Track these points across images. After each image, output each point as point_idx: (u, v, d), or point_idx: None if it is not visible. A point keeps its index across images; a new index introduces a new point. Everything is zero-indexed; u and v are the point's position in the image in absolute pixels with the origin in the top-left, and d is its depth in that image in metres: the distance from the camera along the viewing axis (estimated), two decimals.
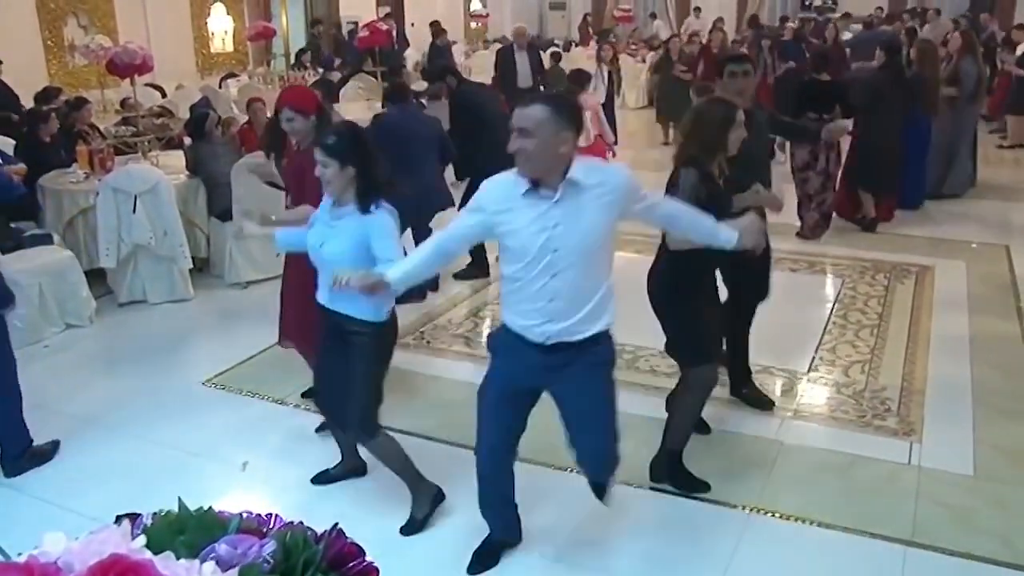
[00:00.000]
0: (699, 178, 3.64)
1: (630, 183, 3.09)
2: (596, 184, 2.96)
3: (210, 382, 5.26)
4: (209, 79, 13.48)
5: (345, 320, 3.58)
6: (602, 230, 3.01)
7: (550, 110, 2.90)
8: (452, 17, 19.85)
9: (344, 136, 3.53)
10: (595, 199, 2.96)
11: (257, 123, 7.59)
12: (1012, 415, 4.72)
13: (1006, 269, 7.05)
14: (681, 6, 22.37)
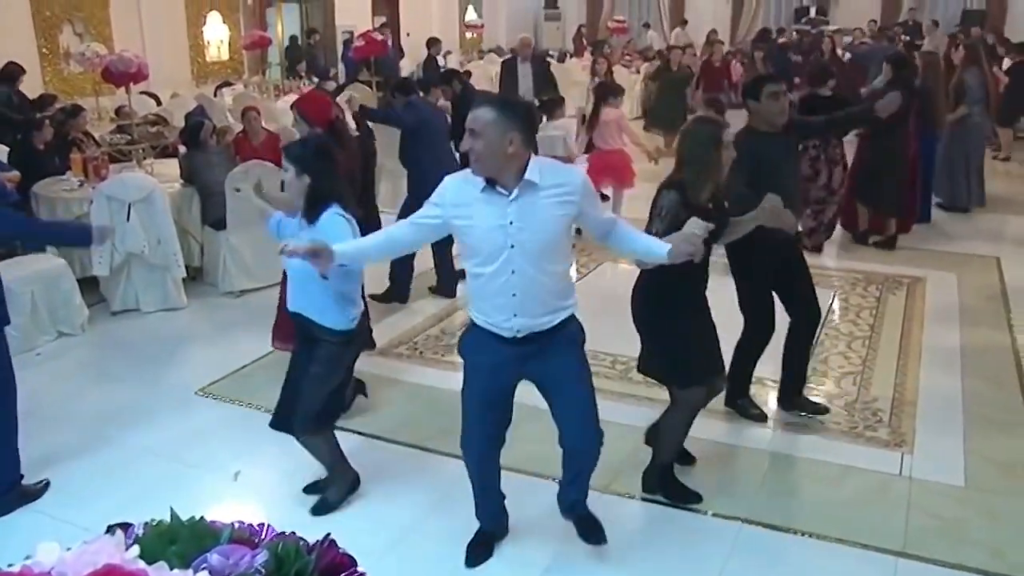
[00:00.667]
0: (680, 200, 3.59)
1: (588, 185, 3.23)
2: (554, 184, 3.07)
3: (203, 391, 5.25)
4: (204, 87, 13.50)
5: (313, 326, 3.75)
6: (559, 228, 3.12)
7: (496, 112, 3.01)
8: (447, 27, 19.92)
9: (308, 146, 3.76)
10: (553, 198, 3.07)
11: (252, 132, 7.60)
12: (1003, 426, 4.75)
13: (997, 281, 7.09)
14: (675, 17, 22.47)
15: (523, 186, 3.03)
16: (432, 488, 4.12)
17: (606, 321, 6.42)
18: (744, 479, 4.23)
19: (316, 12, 16.71)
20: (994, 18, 18.98)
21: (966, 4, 19.65)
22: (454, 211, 3.12)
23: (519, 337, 3.19)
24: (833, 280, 7.13)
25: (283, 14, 16.46)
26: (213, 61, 14.58)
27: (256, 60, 15.11)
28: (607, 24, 20.76)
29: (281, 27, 16.45)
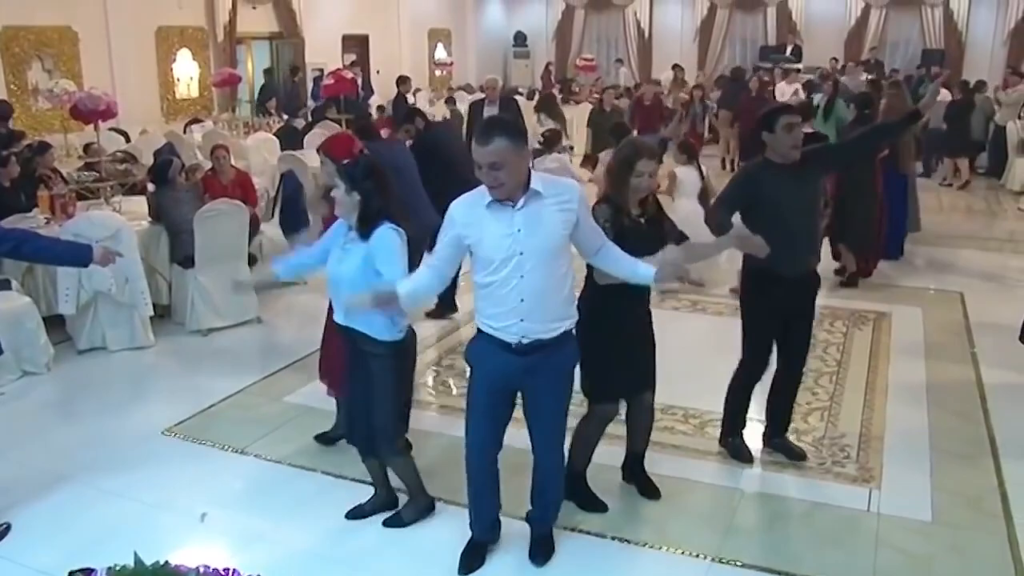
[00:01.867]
0: (612, 210, 3.85)
1: (584, 196, 3.46)
2: (556, 194, 3.34)
3: (170, 431, 5.19)
4: (174, 124, 13.46)
5: (362, 339, 3.82)
6: (561, 234, 3.35)
7: (508, 138, 3.20)
8: (417, 65, 20.04)
9: (359, 164, 3.87)
10: (555, 207, 3.33)
11: (221, 171, 7.59)
12: (969, 460, 4.79)
13: (960, 316, 7.19)
14: (643, 56, 22.78)
15: (529, 196, 3.28)
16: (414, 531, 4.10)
17: None
18: (714, 516, 4.22)
19: (286, 50, 16.74)
20: (952, 58, 19.42)
21: (926, 44, 20.08)
22: (464, 229, 3.35)
23: (524, 344, 3.39)
24: None
25: (253, 52, 16.50)
26: (183, 98, 14.56)
27: (226, 97, 15.10)
28: (575, 62, 20.98)
29: (251, 65, 16.48)
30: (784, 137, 4.28)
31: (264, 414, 5.41)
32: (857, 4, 20.70)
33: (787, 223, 4.18)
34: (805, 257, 4.44)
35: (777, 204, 4.22)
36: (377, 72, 18.56)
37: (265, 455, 4.87)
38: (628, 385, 4.08)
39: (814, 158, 4.42)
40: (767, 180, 4.29)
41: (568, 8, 23.70)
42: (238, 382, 5.87)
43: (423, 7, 20.72)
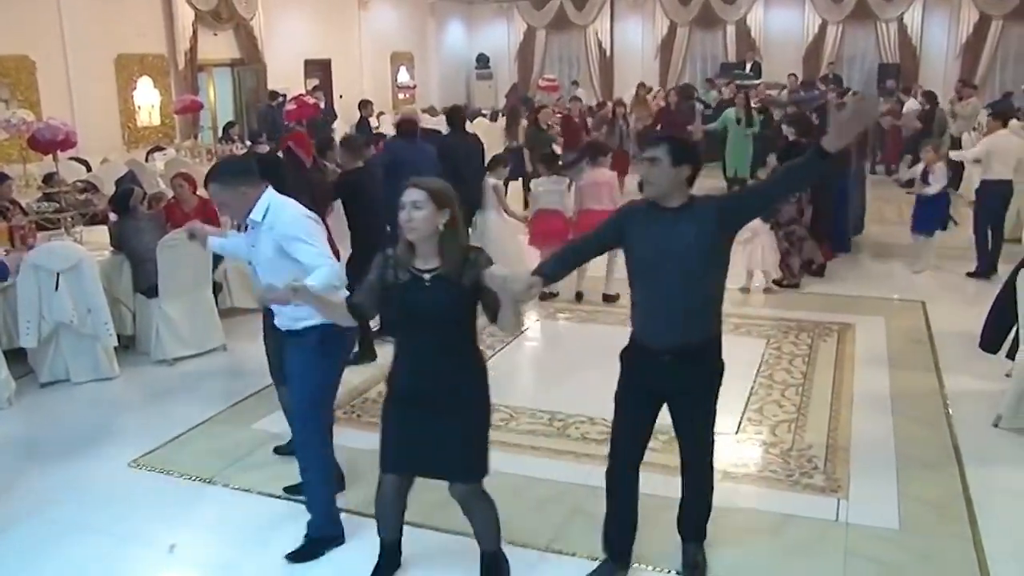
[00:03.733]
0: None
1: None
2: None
3: (136, 463, 5.12)
4: (136, 152, 13.36)
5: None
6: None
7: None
8: (380, 89, 20.07)
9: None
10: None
11: (183, 199, 7.55)
12: (934, 467, 4.86)
13: (923, 324, 7.30)
14: (604, 74, 22.96)
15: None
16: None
17: (542, 378, 6.50)
18: None
19: (248, 76, 16.69)
20: (908, 71, 19.79)
21: (882, 58, 20.42)
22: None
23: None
24: (765, 329, 7.27)
25: (214, 78, 16.43)
26: (144, 126, 14.44)
27: (188, 125, 15.02)
28: (538, 83, 21.10)
29: (213, 91, 16.40)
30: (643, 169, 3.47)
31: (232, 442, 5.37)
32: (814, 20, 21.02)
33: (654, 280, 3.42)
34: (676, 325, 3.41)
35: (643, 256, 3.44)
36: (340, 96, 18.55)
37: (234, 484, 4.83)
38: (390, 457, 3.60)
39: (711, 206, 3.41)
40: (639, 222, 3.47)
41: (529, 29, 23.86)
42: (205, 411, 5.82)
43: (385, 31, 20.77)
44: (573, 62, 23.90)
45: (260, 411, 5.76)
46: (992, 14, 19.53)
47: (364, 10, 19.90)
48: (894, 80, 17.62)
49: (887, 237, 10.55)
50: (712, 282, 3.46)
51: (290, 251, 3.89)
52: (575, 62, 23.85)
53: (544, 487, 4.64)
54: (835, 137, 3.12)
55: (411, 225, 3.26)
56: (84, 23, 13.07)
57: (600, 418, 5.23)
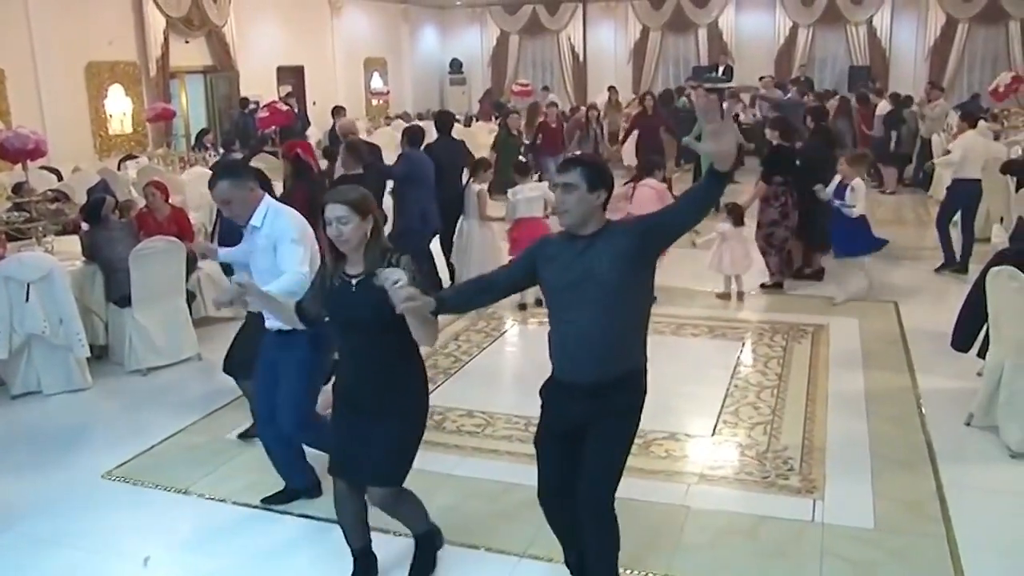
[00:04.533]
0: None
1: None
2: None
3: (110, 475, 5.07)
4: (107, 161, 13.24)
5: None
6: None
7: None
8: (353, 95, 20.03)
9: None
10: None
11: (155, 207, 7.50)
12: (908, 466, 4.89)
13: (896, 325, 7.36)
14: (578, 79, 23.03)
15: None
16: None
17: (518, 384, 6.49)
18: (661, 535, 4.25)
19: (221, 83, 16.62)
20: (878, 73, 20.01)
21: (852, 61, 20.62)
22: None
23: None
24: (740, 332, 7.31)
25: (187, 86, 16.33)
26: (116, 134, 14.33)
27: (160, 132, 14.92)
28: (511, 88, 21.12)
29: (185, 99, 16.29)
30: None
31: (207, 452, 5.33)
32: (785, 23, 21.21)
33: (568, 311, 3.19)
34: (592, 360, 3.17)
35: (556, 287, 3.23)
36: (313, 103, 18.50)
37: (209, 494, 4.79)
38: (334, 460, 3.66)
39: (632, 230, 3.19)
40: (550, 254, 3.25)
41: (503, 34, 23.92)
42: (179, 421, 5.77)
43: (358, 37, 20.74)
44: (546, 67, 23.98)
45: (236, 420, 5.72)
46: (958, 17, 19.82)
47: (337, 16, 19.87)
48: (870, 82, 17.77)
49: None
50: (631, 311, 3.21)
51: (277, 249, 4.07)
52: (548, 67, 23.93)
53: (521, 493, 4.60)
54: (719, 157, 2.90)
55: (342, 239, 3.36)
56: (53, 31, 12.96)
57: None
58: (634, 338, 3.27)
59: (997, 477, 4.81)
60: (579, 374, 3.21)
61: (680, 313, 7.76)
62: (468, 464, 5.04)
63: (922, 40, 20.34)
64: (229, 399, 6.05)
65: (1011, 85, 14.65)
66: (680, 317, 7.65)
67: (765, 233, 8.46)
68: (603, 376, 3.18)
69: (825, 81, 20.34)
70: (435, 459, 4.92)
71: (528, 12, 23.28)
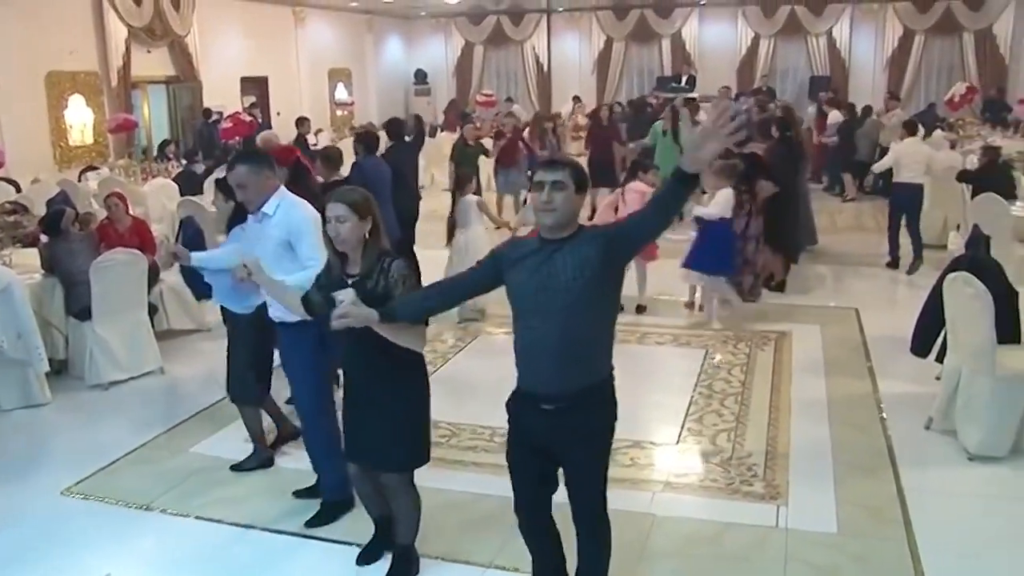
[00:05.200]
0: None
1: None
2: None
3: (70, 491, 4.99)
4: (68, 172, 13.08)
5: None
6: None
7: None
8: (318, 105, 19.96)
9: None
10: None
11: (116, 219, 7.42)
12: (869, 471, 4.95)
13: (857, 331, 7.44)
14: (542, 89, 23.11)
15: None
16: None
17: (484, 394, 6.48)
18: (628, 544, 4.24)
19: (184, 94, 16.50)
20: (837, 84, 20.28)
21: (813, 71, 20.89)
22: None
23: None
24: (704, 339, 7.36)
25: (149, 96, 16.19)
26: (77, 145, 14.16)
27: (122, 143, 14.77)
28: (475, 98, 21.16)
29: (147, 109, 16.16)
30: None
31: (169, 467, 5.27)
32: (747, 34, 21.46)
33: (534, 318, 3.12)
34: (557, 369, 3.10)
35: (522, 292, 3.15)
36: (278, 114, 18.41)
37: (171, 509, 4.74)
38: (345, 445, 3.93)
39: (599, 236, 3.12)
40: (517, 258, 3.19)
41: (467, 44, 23.97)
42: (141, 435, 5.70)
43: (322, 47, 20.69)
44: (511, 77, 24.07)
45: (199, 434, 5.68)
46: (915, 28, 20.21)
47: (301, 26, 19.81)
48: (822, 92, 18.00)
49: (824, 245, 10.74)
50: (595, 320, 3.13)
51: (295, 243, 4.21)
52: (513, 77, 24.01)
53: (486, 503, 4.61)
54: (693, 159, 2.82)
55: (339, 239, 3.55)
56: (11, 40, 12.82)
57: None
58: (599, 348, 3.20)
59: (956, 480, 4.88)
60: (541, 384, 3.14)
61: (644, 321, 7.80)
62: (433, 475, 4.99)
63: (880, 51, 20.70)
64: (192, 412, 6.01)
65: (965, 95, 14.97)
66: (644, 325, 7.69)
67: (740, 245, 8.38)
68: (566, 386, 3.10)
69: (787, 91, 20.59)
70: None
71: (492, 22, 23.36)
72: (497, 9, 22.78)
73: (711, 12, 21.80)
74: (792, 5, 20.64)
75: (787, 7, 20.72)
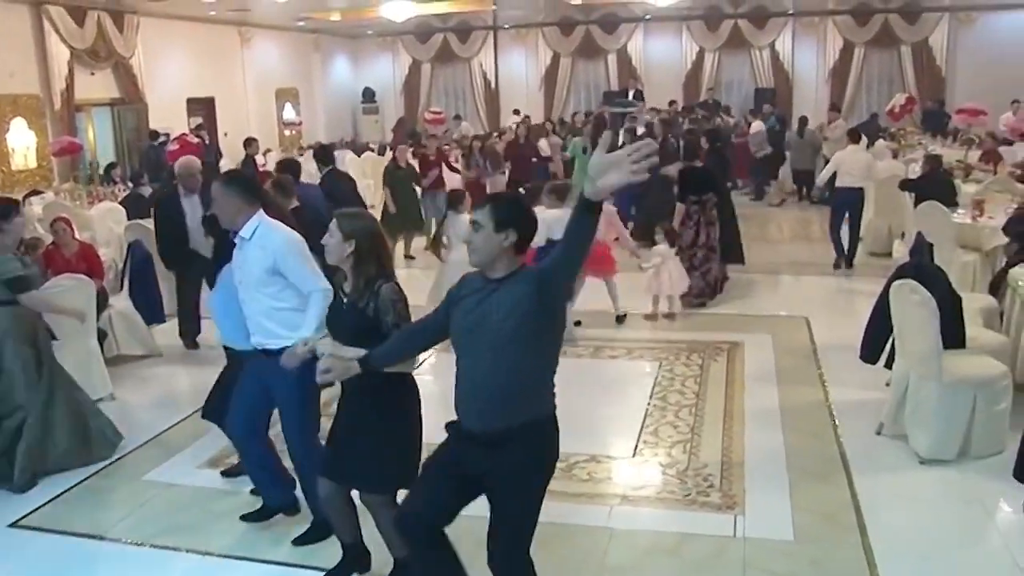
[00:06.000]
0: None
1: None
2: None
3: (19, 524, 4.88)
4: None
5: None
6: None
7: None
8: (265, 126, 19.81)
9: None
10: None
11: (63, 243, 7.30)
12: (823, 477, 5.03)
13: (807, 339, 7.56)
14: (490, 106, 23.19)
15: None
16: None
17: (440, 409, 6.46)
18: (586, 558, 4.28)
19: (129, 116, 16.27)
20: (782, 95, 20.62)
21: (757, 83, 21.20)
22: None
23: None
24: (657, 352, 7.41)
25: (94, 118, 15.95)
26: (19, 169, 13.89)
27: (66, 167, 14.52)
28: (424, 116, 21.16)
29: (92, 132, 15.90)
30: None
31: (123, 495, 5.18)
32: (692, 48, 21.73)
33: (469, 356, 3.14)
34: (488, 408, 3.09)
35: (458, 329, 3.19)
36: (225, 135, 18.25)
37: (125, 538, 4.66)
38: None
39: (532, 274, 3.06)
40: (462, 296, 3.22)
41: (415, 62, 23.97)
42: (92, 464, 5.58)
43: (269, 67, 20.55)
44: (459, 94, 24.10)
45: (152, 462, 5.60)
46: (855, 41, 20.64)
47: (247, 47, 19.68)
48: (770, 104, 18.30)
49: (773, 255, 10.91)
50: (529, 360, 3.05)
51: (283, 268, 4.12)
52: (461, 94, 24.05)
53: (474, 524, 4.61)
54: (594, 190, 2.72)
55: (327, 250, 3.66)
56: None
57: None
58: (533, 388, 3.12)
59: (908, 484, 4.98)
60: (470, 421, 3.14)
61: (598, 335, 7.84)
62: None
63: (822, 63, 21.08)
64: (144, 440, 5.92)
65: (905, 106, 15.31)
66: (598, 339, 7.73)
67: (687, 255, 8.61)
68: (493, 426, 3.07)
69: (733, 103, 20.85)
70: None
71: (439, 40, 23.40)
72: (444, 27, 22.82)
73: (656, 27, 22.04)
74: (735, 19, 20.94)
75: (730, 21, 21.02)
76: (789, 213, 14.32)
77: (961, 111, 14.23)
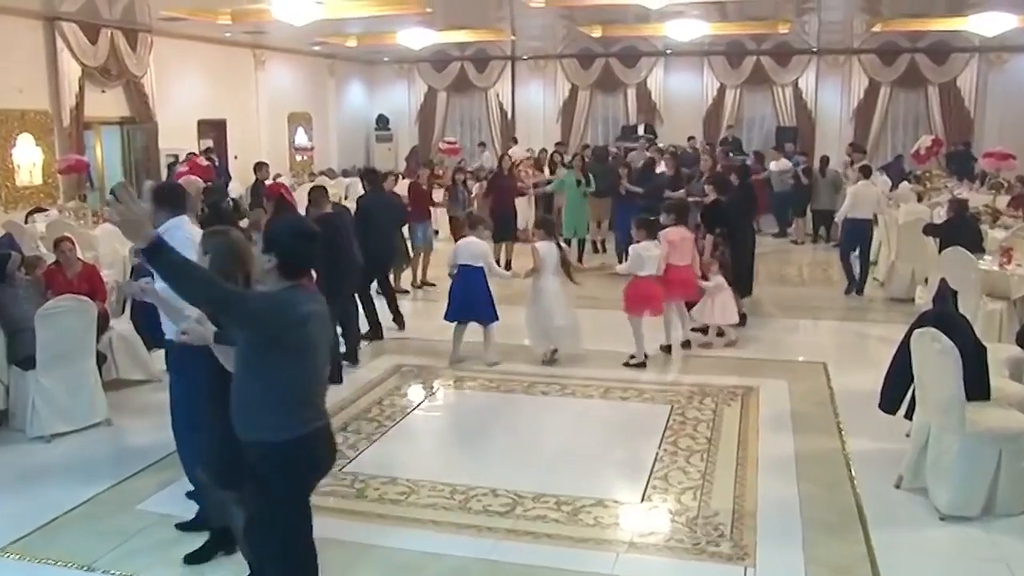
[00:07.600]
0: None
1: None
2: None
3: (6, 551, 4.74)
4: (14, 214, 12.74)
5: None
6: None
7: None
8: (277, 150, 19.75)
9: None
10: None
11: (67, 264, 7.20)
12: (838, 530, 4.86)
13: (825, 386, 7.38)
14: (506, 137, 23.15)
15: None
16: None
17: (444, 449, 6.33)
18: None
19: (139, 135, 16.21)
20: (805, 134, 20.52)
21: (779, 121, 21.09)
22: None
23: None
24: (669, 395, 7.22)
25: (102, 137, 15.90)
26: (24, 185, 13.80)
27: (73, 185, 14.43)
28: (439, 146, 21.11)
29: (100, 150, 15.84)
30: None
31: (115, 525, 5.03)
32: (713, 84, 21.62)
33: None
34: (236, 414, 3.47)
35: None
36: (235, 157, 18.19)
37: (115, 570, 4.53)
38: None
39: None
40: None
41: (430, 90, 23.94)
42: (86, 491, 5.46)
43: (282, 90, 20.53)
44: (474, 124, 24.02)
45: (147, 490, 5.47)
46: (880, 80, 20.48)
47: (261, 69, 19.67)
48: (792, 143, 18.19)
49: (789, 297, 10.76)
50: (255, 384, 3.37)
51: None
52: (476, 124, 23.97)
53: (446, 563, 4.48)
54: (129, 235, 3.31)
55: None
56: None
57: (503, 489, 5.12)
58: (259, 411, 3.36)
59: (927, 540, 4.80)
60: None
61: (608, 376, 7.66)
62: (390, 534, 4.84)
63: (847, 102, 20.92)
64: (140, 466, 5.80)
65: (931, 148, 15.06)
66: (608, 380, 7.55)
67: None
68: (240, 431, 3.42)
69: (753, 141, 20.74)
70: (356, 529, 4.84)
71: (456, 69, 23.38)
72: (461, 55, 22.83)
73: (677, 62, 21.97)
74: (758, 56, 20.88)
75: (753, 58, 20.95)
76: (808, 255, 14.16)
77: (989, 155, 13.97)
